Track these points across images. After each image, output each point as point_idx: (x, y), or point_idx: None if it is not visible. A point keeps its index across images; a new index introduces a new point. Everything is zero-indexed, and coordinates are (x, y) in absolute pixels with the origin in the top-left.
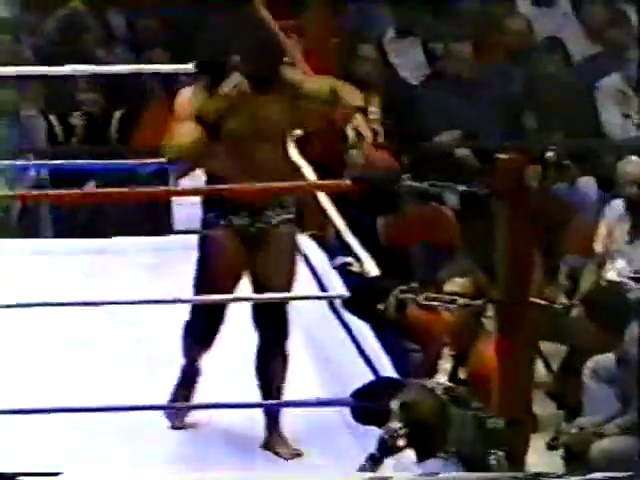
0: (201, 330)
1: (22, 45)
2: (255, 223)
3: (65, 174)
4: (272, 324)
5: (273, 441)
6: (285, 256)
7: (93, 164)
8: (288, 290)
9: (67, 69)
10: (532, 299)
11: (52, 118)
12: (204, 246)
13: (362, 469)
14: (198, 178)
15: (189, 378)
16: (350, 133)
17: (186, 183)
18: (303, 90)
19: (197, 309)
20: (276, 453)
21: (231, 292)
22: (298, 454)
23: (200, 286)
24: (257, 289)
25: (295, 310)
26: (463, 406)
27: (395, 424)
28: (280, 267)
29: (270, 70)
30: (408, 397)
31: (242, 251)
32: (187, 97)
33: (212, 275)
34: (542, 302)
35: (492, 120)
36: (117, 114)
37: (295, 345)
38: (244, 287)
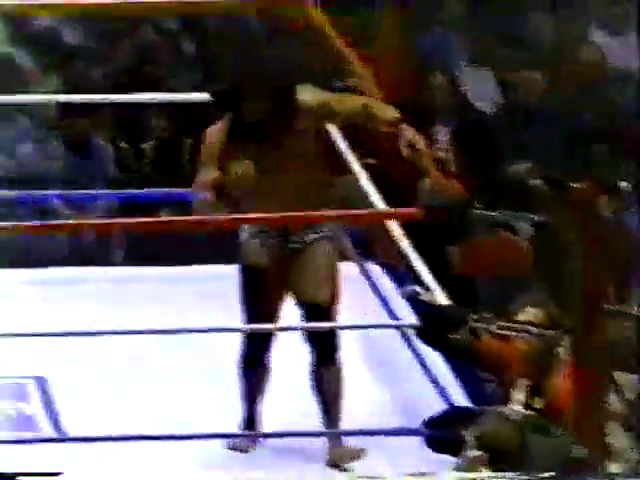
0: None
1: (93, 73)
2: (289, 243)
3: (136, 202)
4: (322, 338)
5: (335, 453)
6: (323, 271)
7: (164, 192)
8: (332, 304)
9: (139, 97)
10: (606, 329)
11: (123, 145)
12: (243, 267)
13: None
14: None
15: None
16: (403, 148)
17: None
18: (329, 109)
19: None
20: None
21: (276, 310)
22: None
23: (246, 307)
24: (300, 306)
25: (365, 339)
26: (540, 433)
27: (472, 452)
28: (319, 283)
29: (284, 96)
30: (485, 425)
31: (280, 269)
32: (211, 137)
33: (255, 295)
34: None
35: (564, 150)
36: (188, 141)
37: (367, 374)
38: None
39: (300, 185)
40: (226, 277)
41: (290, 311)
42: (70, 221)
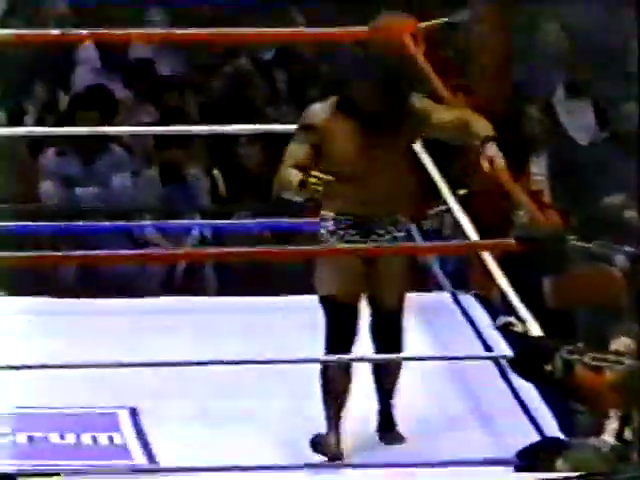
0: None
1: (188, 103)
2: (367, 241)
3: (228, 232)
4: (389, 335)
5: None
6: (397, 278)
7: (257, 222)
8: (400, 306)
9: (233, 128)
10: None
11: (216, 175)
12: (322, 261)
13: None
14: None
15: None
16: (484, 163)
17: None
18: (432, 119)
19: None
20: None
21: (355, 307)
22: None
23: (324, 302)
24: (371, 305)
25: (458, 369)
26: (631, 464)
27: None
28: (392, 285)
29: (397, 97)
30: (576, 456)
31: (358, 267)
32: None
33: (334, 289)
34: None
35: None
36: None
37: (459, 405)
38: None
39: (387, 184)
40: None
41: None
42: (162, 250)
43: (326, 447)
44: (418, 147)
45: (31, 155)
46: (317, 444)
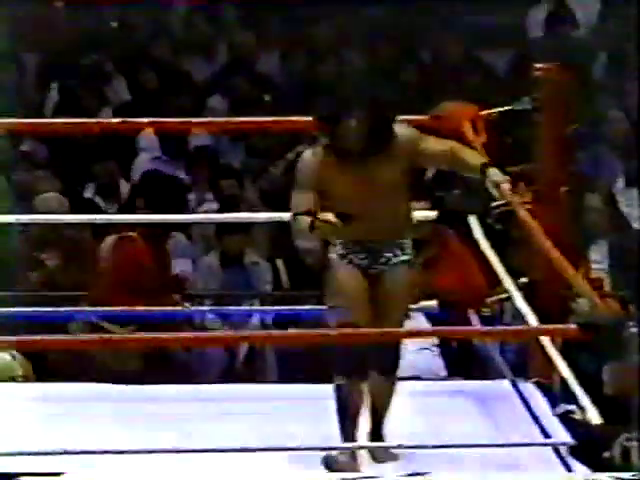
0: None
1: (247, 190)
2: (374, 263)
3: (290, 319)
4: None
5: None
6: (400, 295)
7: (318, 309)
8: (399, 326)
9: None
10: None
11: (279, 263)
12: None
13: None
14: None
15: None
16: (492, 189)
17: None
18: (419, 147)
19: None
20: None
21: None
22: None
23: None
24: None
25: (517, 456)
26: None
27: None
28: (395, 306)
29: (384, 125)
30: None
31: (365, 285)
32: (308, 162)
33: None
34: None
35: None
36: None
37: None
38: None
39: (388, 212)
40: None
41: None
42: (222, 333)
43: (343, 465)
44: (479, 235)
45: (93, 241)
46: (331, 463)
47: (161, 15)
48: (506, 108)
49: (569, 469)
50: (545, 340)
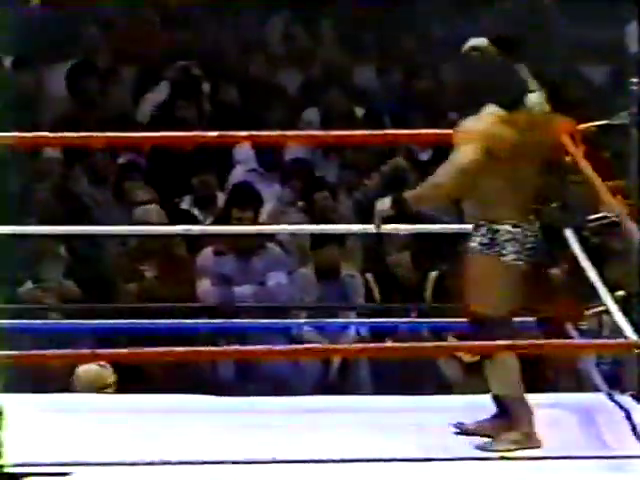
0: None
1: (342, 202)
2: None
3: (384, 331)
4: None
5: None
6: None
7: (414, 321)
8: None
9: (385, 228)
10: None
11: (369, 279)
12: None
13: None
14: None
15: None
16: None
17: None
18: None
19: None
20: None
21: None
22: None
23: None
24: None
25: (619, 467)
26: None
27: None
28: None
29: None
30: None
31: None
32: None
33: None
34: None
35: None
36: (433, 274)
37: None
38: None
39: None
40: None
41: None
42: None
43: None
44: (577, 250)
45: (189, 253)
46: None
47: (258, 27)
48: (604, 122)
49: None
50: None
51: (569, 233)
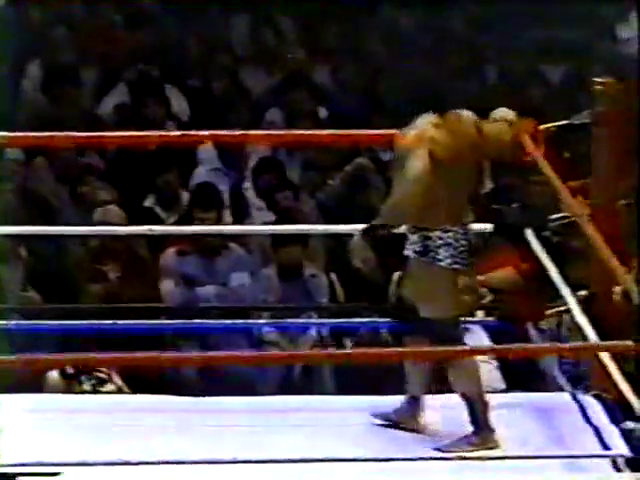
0: None
1: (303, 203)
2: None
3: (345, 332)
4: None
5: None
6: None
7: (374, 321)
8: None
9: (348, 228)
10: None
11: (333, 279)
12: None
13: None
14: None
15: None
16: None
17: None
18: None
19: None
20: None
21: None
22: None
23: None
24: None
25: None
26: None
27: None
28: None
29: None
30: None
31: None
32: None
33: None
34: None
35: None
36: (396, 275)
37: None
38: None
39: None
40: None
41: None
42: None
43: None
44: (539, 249)
45: (152, 253)
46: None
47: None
48: (565, 122)
49: None
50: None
51: (529, 233)
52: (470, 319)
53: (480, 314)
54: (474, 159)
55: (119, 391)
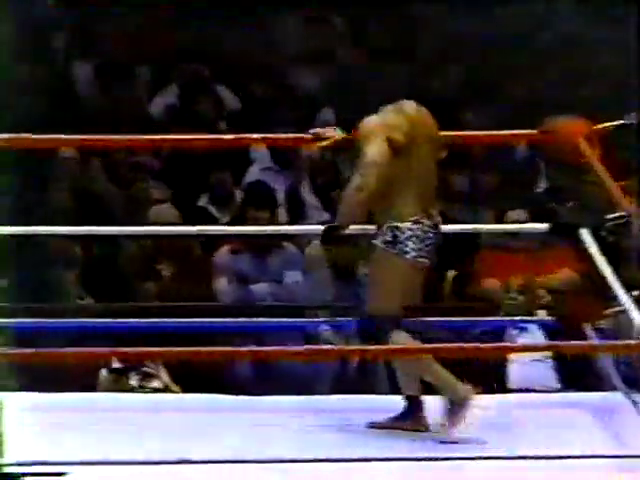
0: None
1: None
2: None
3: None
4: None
5: None
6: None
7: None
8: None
9: None
10: None
11: None
12: None
13: None
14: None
15: None
16: None
17: None
18: None
19: None
20: None
21: None
22: None
23: None
24: None
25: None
26: None
27: None
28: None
29: None
30: None
31: None
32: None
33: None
34: None
35: None
36: (450, 273)
37: None
38: None
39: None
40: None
41: None
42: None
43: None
44: (594, 249)
45: (205, 252)
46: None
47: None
48: (617, 122)
49: None
50: None
51: (585, 232)
52: (528, 318)
53: (540, 314)
54: (429, 149)
55: (165, 388)
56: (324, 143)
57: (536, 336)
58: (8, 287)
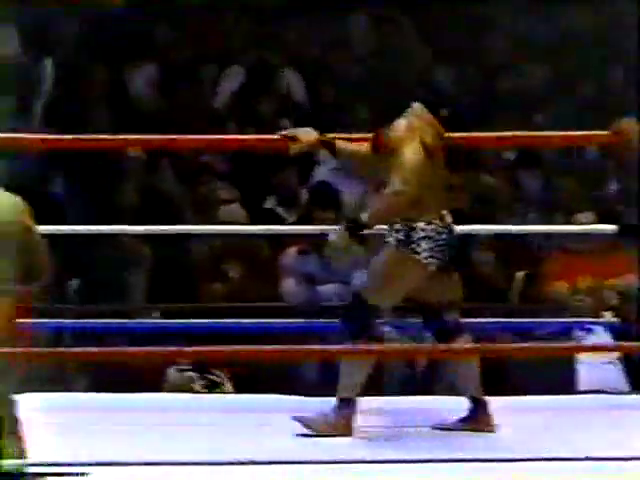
0: None
1: None
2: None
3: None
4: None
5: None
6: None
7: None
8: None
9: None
10: None
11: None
12: None
13: None
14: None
15: None
16: None
17: None
18: None
19: None
20: None
21: None
22: None
23: None
24: None
25: None
26: None
27: None
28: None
29: None
30: None
31: None
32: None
33: None
34: None
35: None
36: (519, 275)
37: None
38: None
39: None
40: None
41: None
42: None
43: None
44: None
45: (272, 252)
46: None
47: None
48: None
49: None
50: None
51: None
52: (594, 320)
53: (606, 315)
54: (442, 154)
55: None
56: (296, 146)
57: (602, 338)
58: (79, 288)
